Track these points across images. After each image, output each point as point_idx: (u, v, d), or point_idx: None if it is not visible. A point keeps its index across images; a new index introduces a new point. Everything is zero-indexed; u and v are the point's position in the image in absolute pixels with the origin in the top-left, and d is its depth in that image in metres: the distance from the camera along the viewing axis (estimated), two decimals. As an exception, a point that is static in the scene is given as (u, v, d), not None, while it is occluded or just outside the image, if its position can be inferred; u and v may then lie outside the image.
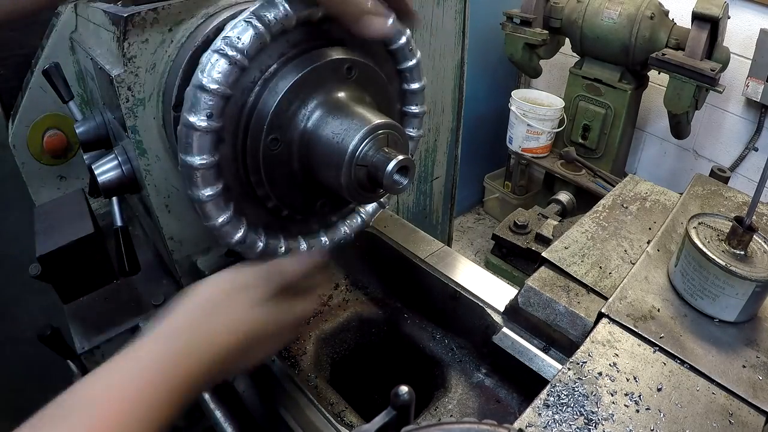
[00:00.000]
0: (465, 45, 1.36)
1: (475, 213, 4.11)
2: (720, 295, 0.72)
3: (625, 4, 2.70)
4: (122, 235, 1.04)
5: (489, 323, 0.91)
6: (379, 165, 0.67)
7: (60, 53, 1.20)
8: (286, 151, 0.73)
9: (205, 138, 0.66)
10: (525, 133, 3.33)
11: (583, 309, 0.80)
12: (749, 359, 0.69)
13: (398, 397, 0.52)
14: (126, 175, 0.94)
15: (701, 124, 3.03)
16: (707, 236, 0.75)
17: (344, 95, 0.74)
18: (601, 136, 3.11)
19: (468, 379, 0.95)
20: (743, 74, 2.70)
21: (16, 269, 1.88)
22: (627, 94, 2.92)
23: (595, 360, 0.68)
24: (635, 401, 0.63)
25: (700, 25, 2.44)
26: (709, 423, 0.61)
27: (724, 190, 1.01)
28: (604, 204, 1.00)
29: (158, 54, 0.79)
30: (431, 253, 1.07)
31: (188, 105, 0.65)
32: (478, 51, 3.20)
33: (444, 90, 1.39)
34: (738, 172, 2.98)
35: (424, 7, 1.21)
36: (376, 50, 0.79)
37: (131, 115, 0.81)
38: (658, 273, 0.82)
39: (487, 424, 0.43)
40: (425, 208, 1.57)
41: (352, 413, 0.89)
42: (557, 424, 0.60)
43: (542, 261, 0.88)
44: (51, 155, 1.36)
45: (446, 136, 1.48)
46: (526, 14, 2.95)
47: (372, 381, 1.07)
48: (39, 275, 0.99)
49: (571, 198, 2.72)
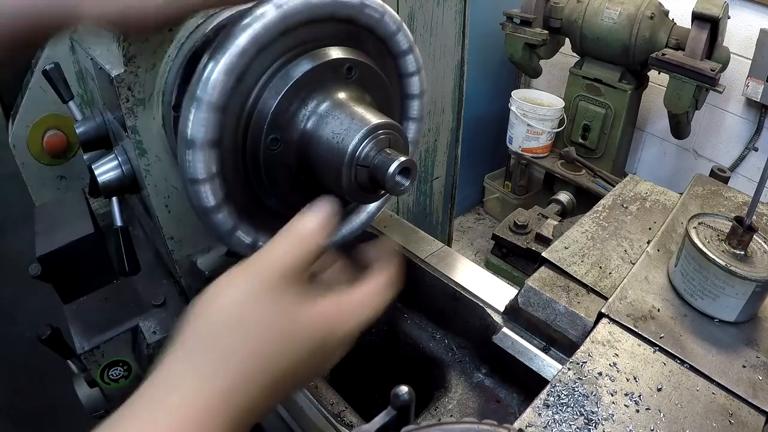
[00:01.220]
0: (465, 45, 1.36)
1: (475, 213, 4.11)
2: (720, 295, 0.72)
3: (625, 4, 2.70)
4: (122, 235, 1.04)
5: (489, 323, 0.91)
6: (380, 166, 0.66)
7: (60, 53, 1.20)
8: (286, 151, 0.73)
9: (204, 151, 0.66)
10: (525, 133, 3.33)
11: (583, 309, 0.80)
12: (749, 359, 0.69)
13: (398, 397, 0.52)
14: (126, 175, 0.94)
15: (701, 124, 3.03)
16: (707, 236, 0.75)
17: (344, 95, 0.74)
18: (601, 136, 3.11)
19: (468, 379, 0.95)
20: (743, 74, 2.70)
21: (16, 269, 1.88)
22: (627, 94, 2.92)
23: (595, 360, 0.68)
24: (635, 401, 0.63)
25: (700, 25, 2.44)
26: (709, 423, 0.61)
27: (724, 190, 1.01)
28: (604, 204, 1.00)
29: (158, 54, 0.79)
30: (431, 253, 1.07)
31: (185, 117, 0.65)
32: (478, 51, 3.19)
33: (444, 90, 1.39)
34: (738, 172, 2.98)
35: (424, 7, 1.21)
36: (377, 51, 0.80)
37: (131, 115, 0.81)
38: (658, 273, 0.82)
39: (487, 424, 0.43)
40: (425, 208, 1.57)
41: (352, 413, 0.89)
42: (557, 424, 0.60)
43: (542, 261, 0.88)
44: (51, 155, 1.36)
45: (446, 136, 1.48)
46: (526, 14, 2.95)
47: (372, 381, 1.07)
48: (39, 275, 0.99)
49: (571, 198, 2.72)
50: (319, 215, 0.55)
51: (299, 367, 0.49)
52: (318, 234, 0.53)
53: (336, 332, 0.51)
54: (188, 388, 0.43)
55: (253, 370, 0.45)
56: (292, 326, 0.48)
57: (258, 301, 0.48)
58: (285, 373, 0.47)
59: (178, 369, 0.45)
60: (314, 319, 0.50)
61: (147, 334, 1.01)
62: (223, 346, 0.45)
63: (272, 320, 0.48)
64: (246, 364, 0.45)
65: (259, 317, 0.47)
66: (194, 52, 0.77)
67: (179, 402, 0.42)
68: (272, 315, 0.48)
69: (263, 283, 0.49)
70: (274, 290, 0.49)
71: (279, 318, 0.48)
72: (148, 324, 1.03)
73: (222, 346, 0.45)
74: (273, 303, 0.48)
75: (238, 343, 0.46)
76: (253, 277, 0.49)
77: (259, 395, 0.45)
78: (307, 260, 0.52)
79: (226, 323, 0.46)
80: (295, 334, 0.48)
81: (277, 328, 0.48)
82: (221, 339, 0.46)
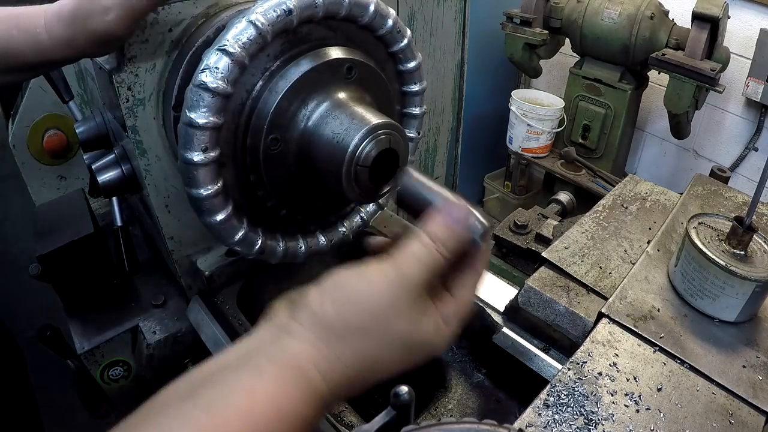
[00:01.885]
0: (465, 45, 1.36)
1: (475, 213, 4.10)
2: (720, 295, 0.72)
3: (625, 4, 2.70)
4: (122, 235, 1.04)
5: (489, 323, 0.91)
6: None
7: (60, 53, 1.19)
8: (286, 151, 0.73)
9: (205, 135, 0.66)
10: (525, 133, 3.33)
11: (583, 309, 0.80)
12: (749, 359, 0.69)
13: (398, 397, 0.52)
14: (126, 175, 0.94)
15: (701, 124, 3.03)
16: (707, 236, 0.75)
17: (344, 95, 0.74)
18: (601, 136, 3.10)
19: (468, 379, 0.95)
20: (743, 74, 2.70)
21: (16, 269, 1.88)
22: (627, 94, 2.92)
23: (595, 360, 0.68)
24: (635, 401, 0.63)
25: (700, 25, 2.44)
26: (709, 423, 0.61)
27: (724, 190, 1.01)
28: (604, 204, 1.00)
29: (158, 54, 0.79)
30: (431, 253, 1.06)
31: (189, 103, 0.65)
32: (478, 51, 3.19)
33: (444, 90, 1.39)
34: (738, 172, 2.98)
35: (424, 7, 1.21)
36: (377, 51, 0.80)
37: (131, 115, 0.81)
38: (658, 273, 0.82)
39: (487, 424, 0.43)
40: (425, 208, 1.56)
41: (352, 413, 0.89)
42: (557, 424, 0.60)
43: (542, 261, 0.88)
44: (51, 155, 1.36)
45: (446, 136, 1.48)
46: (526, 14, 2.95)
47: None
48: (39, 275, 0.99)
49: (571, 198, 2.71)
50: (457, 224, 0.53)
51: (395, 368, 0.50)
52: (452, 243, 0.52)
53: (444, 342, 0.52)
54: (305, 339, 0.45)
55: (365, 360, 0.47)
56: (415, 336, 0.49)
57: (394, 306, 0.48)
58: (382, 376, 0.50)
59: (295, 327, 0.47)
60: (432, 332, 0.51)
61: (147, 334, 1.01)
62: (349, 325, 0.47)
63: (403, 327, 0.48)
64: (362, 352, 0.47)
65: (392, 318, 0.48)
66: (194, 52, 0.77)
67: (292, 346, 0.45)
68: (404, 321, 0.49)
69: (403, 289, 0.49)
70: (410, 298, 0.49)
71: (408, 327, 0.49)
72: (148, 324, 1.03)
73: (349, 325, 0.47)
74: (408, 310, 0.49)
75: (364, 329, 0.47)
76: (395, 282, 0.49)
77: (352, 385, 0.48)
78: (438, 270, 0.51)
79: (363, 312, 0.47)
80: (414, 342, 0.50)
81: (403, 332, 0.49)
82: (350, 320, 0.47)
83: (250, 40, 0.64)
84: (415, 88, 0.86)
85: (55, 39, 0.70)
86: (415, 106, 0.88)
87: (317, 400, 0.45)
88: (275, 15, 0.65)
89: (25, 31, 0.70)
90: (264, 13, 0.64)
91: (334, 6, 0.70)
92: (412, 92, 0.86)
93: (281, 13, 0.65)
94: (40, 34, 0.70)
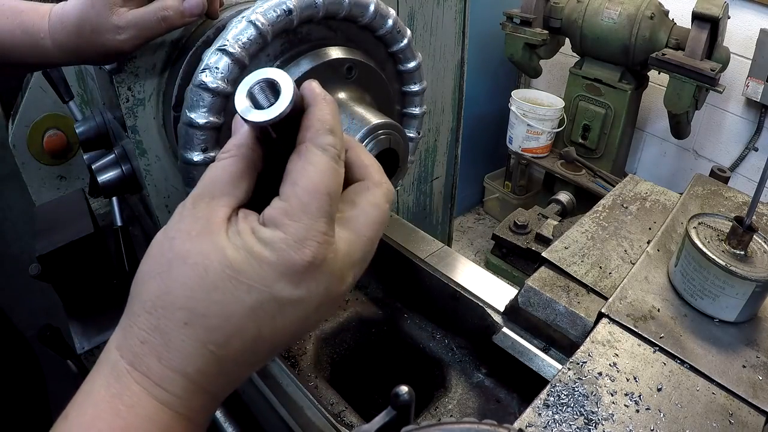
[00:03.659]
0: (465, 45, 1.36)
1: (475, 213, 4.11)
2: (720, 295, 0.72)
3: (625, 4, 2.70)
4: (122, 235, 1.04)
5: (489, 323, 0.91)
6: None
7: (60, 53, 1.20)
8: (286, 151, 0.73)
9: (205, 135, 0.66)
10: (525, 133, 3.33)
11: (583, 309, 0.80)
12: (749, 359, 0.69)
13: (398, 397, 0.52)
14: (126, 175, 0.94)
15: (701, 124, 3.03)
16: (707, 236, 0.75)
17: (344, 95, 0.74)
18: (601, 136, 3.11)
19: (468, 379, 0.95)
20: (743, 74, 2.70)
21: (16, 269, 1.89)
22: (627, 94, 2.92)
23: (595, 360, 0.68)
24: (635, 401, 0.63)
25: (700, 25, 2.44)
26: (709, 423, 0.61)
27: (724, 190, 1.01)
28: (604, 204, 1.00)
29: (158, 54, 0.79)
30: (431, 253, 1.07)
31: (188, 103, 0.65)
32: (478, 51, 3.20)
33: (444, 90, 1.39)
34: (738, 172, 2.98)
35: (424, 7, 1.21)
36: (377, 51, 0.79)
37: (131, 115, 0.81)
38: (658, 273, 0.82)
39: (487, 424, 0.43)
40: (425, 208, 1.56)
41: (352, 413, 0.89)
42: (557, 424, 0.60)
43: (542, 261, 0.88)
44: (51, 155, 1.36)
45: (446, 136, 1.48)
46: (526, 14, 2.95)
47: (372, 381, 1.07)
48: (39, 275, 0.99)
49: (571, 198, 2.72)
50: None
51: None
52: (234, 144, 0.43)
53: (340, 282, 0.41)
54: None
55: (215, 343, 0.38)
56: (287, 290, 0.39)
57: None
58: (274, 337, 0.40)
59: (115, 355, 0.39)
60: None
61: (147, 334, 1.01)
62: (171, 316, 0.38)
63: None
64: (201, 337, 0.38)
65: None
66: (194, 52, 0.77)
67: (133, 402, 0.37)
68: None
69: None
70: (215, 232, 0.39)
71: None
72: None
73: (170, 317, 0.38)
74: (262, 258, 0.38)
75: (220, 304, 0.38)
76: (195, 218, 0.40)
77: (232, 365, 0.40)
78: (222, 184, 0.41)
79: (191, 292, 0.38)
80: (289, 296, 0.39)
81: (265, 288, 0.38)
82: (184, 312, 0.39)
83: (250, 40, 0.64)
84: (415, 88, 0.86)
85: (59, 47, 0.69)
86: (415, 106, 0.88)
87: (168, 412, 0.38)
88: (275, 15, 0.65)
89: (28, 34, 0.69)
90: (264, 13, 0.64)
91: (334, 6, 0.70)
92: (412, 92, 0.86)
93: (281, 13, 0.65)
94: (44, 39, 0.69)
